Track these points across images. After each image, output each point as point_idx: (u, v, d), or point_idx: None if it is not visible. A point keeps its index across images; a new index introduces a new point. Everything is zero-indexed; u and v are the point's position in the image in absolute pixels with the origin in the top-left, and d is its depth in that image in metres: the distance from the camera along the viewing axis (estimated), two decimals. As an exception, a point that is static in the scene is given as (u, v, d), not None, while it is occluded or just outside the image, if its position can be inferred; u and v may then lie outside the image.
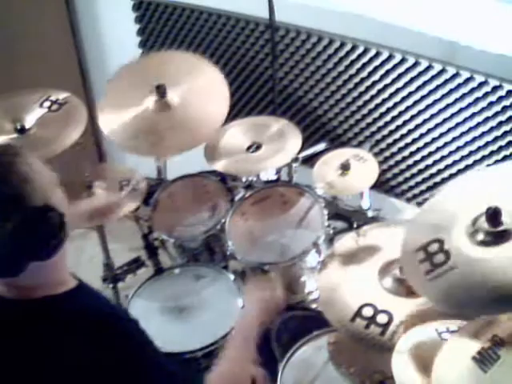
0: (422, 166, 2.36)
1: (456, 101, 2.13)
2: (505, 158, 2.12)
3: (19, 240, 1.14)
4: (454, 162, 2.26)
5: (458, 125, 2.17)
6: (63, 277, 1.28)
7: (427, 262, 1.39)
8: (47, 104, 2.17)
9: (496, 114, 2.06)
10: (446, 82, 2.12)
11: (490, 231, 1.34)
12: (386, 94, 2.29)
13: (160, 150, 2.13)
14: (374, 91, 2.31)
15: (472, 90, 2.07)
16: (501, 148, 2.11)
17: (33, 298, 1.22)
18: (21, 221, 1.13)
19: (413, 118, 2.27)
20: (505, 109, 2.03)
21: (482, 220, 1.36)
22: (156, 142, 2.09)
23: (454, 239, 1.39)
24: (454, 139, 2.21)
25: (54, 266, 1.23)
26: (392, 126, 2.34)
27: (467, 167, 2.23)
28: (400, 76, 2.21)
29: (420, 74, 2.16)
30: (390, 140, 2.38)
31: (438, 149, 2.27)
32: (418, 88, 2.19)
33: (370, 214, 2.13)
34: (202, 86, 2.19)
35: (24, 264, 1.17)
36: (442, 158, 2.28)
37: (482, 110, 2.08)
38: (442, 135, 2.23)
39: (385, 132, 2.38)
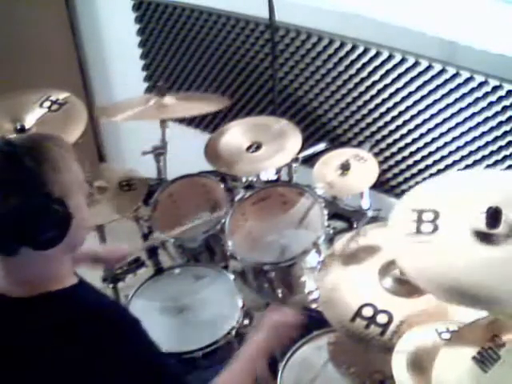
0: (422, 165, 2.36)
1: (456, 101, 2.13)
2: (505, 158, 2.12)
3: (20, 218, 1.15)
4: (454, 162, 2.26)
5: (458, 125, 2.17)
6: (65, 273, 1.28)
7: (415, 225, 1.42)
8: (47, 104, 2.17)
9: (496, 114, 2.06)
10: (445, 81, 2.12)
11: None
12: (386, 94, 2.29)
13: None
14: (374, 91, 2.31)
15: (472, 90, 2.07)
16: (501, 148, 2.11)
17: (35, 295, 1.23)
18: (30, 200, 1.15)
19: (413, 118, 2.27)
20: (505, 109, 2.03)
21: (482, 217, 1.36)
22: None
23: (449, 218, 1.40)
24: (454, 139, 2.21)
25: (55, 260, 1.24)
26: (392, 126, 2.34)
27: (467, 167, 2.22)
28: (400, 76, 2.21)
29: (420, 73, 2.16)
30: (390, 140, 2.38)
31: (438, 149, 2.27)
32: (418, 88, 2.19)
33: (370, 213, 2.13)
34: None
35: (17, 245, 1.18)
36: (442, 158, 2.28)
37: (482, 109, 2.08)
38: (442, 135, 2.23)
39: (385, 132, 2.38)
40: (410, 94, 2.22)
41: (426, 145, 2.30)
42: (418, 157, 2.35)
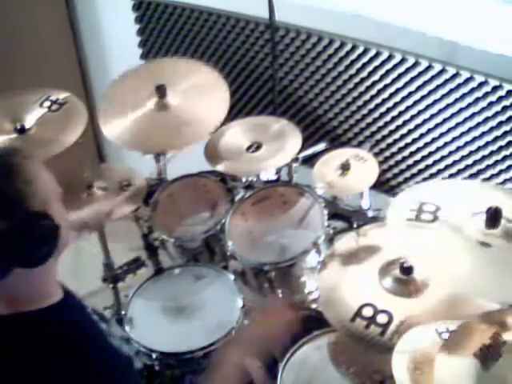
0: (422, 165, 2.36)
1: (456, 101, 2.13)
2: (505, 158, 2.12)
3: (10, 242, 1.12)
4: (454, 162, 2.26)
5: (457, 125, 2.17)
6: (50, 290, 1.26)
7: (414, 213, 1.45)
8: (47, 104, 2.16)
9: (496, 114, 2.06)
10: (446, 81, 2.12)
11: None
12: (386, 94, 2.29)
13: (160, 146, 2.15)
14: (373, 91, 2.31)
15: (472, 90, 2.07)
16: (501, 148, 2.11)
17: (17, 312, 1.20)
18: (16, 222, 1.11)
19: (413, 118, 2.27)
20: (505, 109, 2.03)
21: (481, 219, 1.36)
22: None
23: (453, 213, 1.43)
24: (454, 139, 2.21)
25: (41, 277, 1.22)
26: (392, 126, 2.34)
27: (467, 167, 2.23)
28: (400, 76, 2.21)
29: (420, 73, 2.16)
30: (390, 140, 2.38)
31: (438, 149, 2.27)
32: (418, 88, 2.19)
33: (370, 214, 2.13)
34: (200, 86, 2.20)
35: (10, 268, 1.15)
36: (442, 158, 2.28)
37: (482, 109, 2.08)
38: (442, 135, 2.23)
39: (385, 132, 2.38)
40: (410, 93, 2.22)
41: (426, 145, 2.30)
42: (418, 157, 2.35)
